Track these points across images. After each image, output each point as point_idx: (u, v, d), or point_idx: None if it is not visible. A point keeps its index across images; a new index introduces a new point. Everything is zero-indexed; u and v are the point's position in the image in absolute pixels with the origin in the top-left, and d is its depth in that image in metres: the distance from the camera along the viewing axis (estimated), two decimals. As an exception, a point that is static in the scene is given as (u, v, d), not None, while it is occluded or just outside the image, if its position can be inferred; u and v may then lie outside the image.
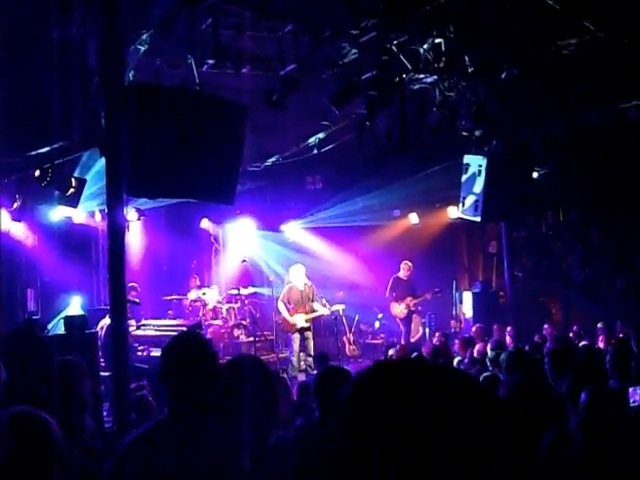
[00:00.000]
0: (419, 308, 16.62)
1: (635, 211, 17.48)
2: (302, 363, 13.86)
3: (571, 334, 14.17)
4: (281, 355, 15.59)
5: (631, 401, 4.56)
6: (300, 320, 14.05)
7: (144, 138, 8.24)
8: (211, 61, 9.64)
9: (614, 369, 6.50)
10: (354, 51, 10.47)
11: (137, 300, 13.60)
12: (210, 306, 15.95)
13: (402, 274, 16.07)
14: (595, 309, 17.44)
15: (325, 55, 10.50)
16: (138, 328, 13.74)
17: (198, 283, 16.71)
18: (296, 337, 14.06)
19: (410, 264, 16.11)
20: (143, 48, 9.37)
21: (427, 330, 17.54)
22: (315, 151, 13.97)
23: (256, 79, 10.46)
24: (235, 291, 16.37)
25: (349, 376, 4.82)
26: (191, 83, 9.40)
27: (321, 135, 13.54)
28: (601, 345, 11.58)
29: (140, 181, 8.28)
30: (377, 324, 18.25)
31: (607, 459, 3.20)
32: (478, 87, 11.79)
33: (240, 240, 17.71)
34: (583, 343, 11.94)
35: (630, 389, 4.66)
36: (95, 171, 12.40)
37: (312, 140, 13.74)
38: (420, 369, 1.24)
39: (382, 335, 18.05)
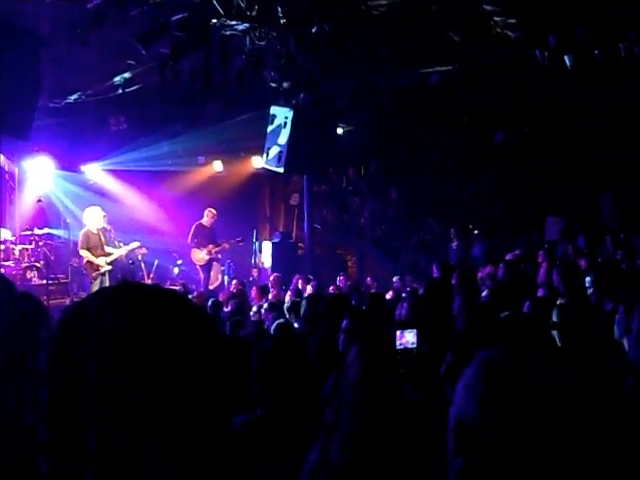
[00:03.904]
0: (219, 256, 16.66)
1: (430, 172, 18.35)
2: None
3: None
4: (76, 299, 15.16)
5: (397, 344, 4.72)
6: (103, 263, 13.75)
7: None
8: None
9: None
10: (166, -10, 10.23)
11: None
12: (1, 247, 15.22)
13: (205, 221, 15.99)
14: (388, 263, 18.23)
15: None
16: None
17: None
18: (96, 283, 13.71)
19: (214, 211, 16.05)
20: None
21: (226, 278, 17.64)
22: (120, 90, 13.57)
23: (60, 9, 9.97)
24: (29, 232, 15.72)
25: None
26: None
27: (127, 75, 13.15)
28: (389, 297, 12.11)
29: None
30: (176, 270, 18.16)
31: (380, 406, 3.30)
32: (289, 39, 11.86)
33: (37, 179, 16.95)
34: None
35: (397, 332, 4.82)
36: None
37: (117, 79, 13.32)
38: (135, 294, 1.26)
39: (181, 281, 17.96)
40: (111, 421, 1.13)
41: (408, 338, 4.71)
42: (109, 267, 13.84)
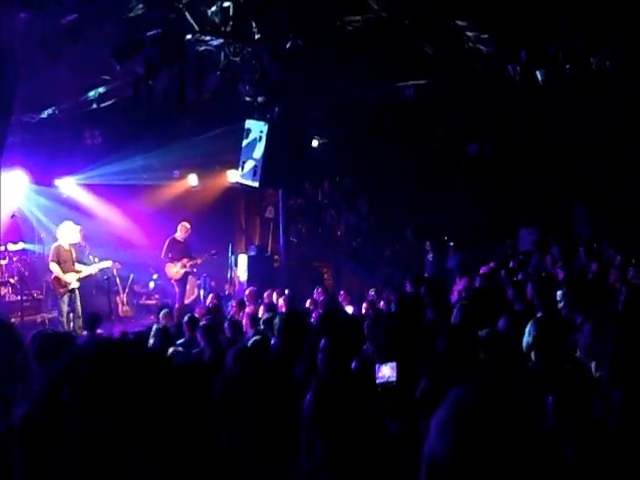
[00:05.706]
0: (194, 270, 16.62)
1: (405, 184, 18.44)
2: (71, 324, 13.46)
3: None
4: (49, 316, 15.04)
5: (378, 377, 4.34)
6: (73, 280, 13.63)
7: None
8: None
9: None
10: (140, 6, 10.23)
11: None
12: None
13: (179, 235, 15.95)
14: (364, 275, 18.27)
15: (109, 6, 10.17)
16: None
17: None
18: (65, 298, 13.58)
19: (188, 226, 16.02)
20: None
21: (202, 292, 17.59)
22: (95, 105, 13.53)
23: (34, 24, 9.94)
24: (2, 248, 15.60)
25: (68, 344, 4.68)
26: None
27: (101, 89, 13.13)
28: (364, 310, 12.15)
29: None
30: (152, 285, 18.09)
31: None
32: (263, 54, 11.90)
33: (10, 194, 16.80)
34: (349, 308, 12.54)
35: (376, 365, 4.42)
36: None
37: (92, 94, 13.29)
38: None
39: (156, 296, 17.90)
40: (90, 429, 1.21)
41: (385, 372, 4.41)
42: (77, 284, 13.74)
